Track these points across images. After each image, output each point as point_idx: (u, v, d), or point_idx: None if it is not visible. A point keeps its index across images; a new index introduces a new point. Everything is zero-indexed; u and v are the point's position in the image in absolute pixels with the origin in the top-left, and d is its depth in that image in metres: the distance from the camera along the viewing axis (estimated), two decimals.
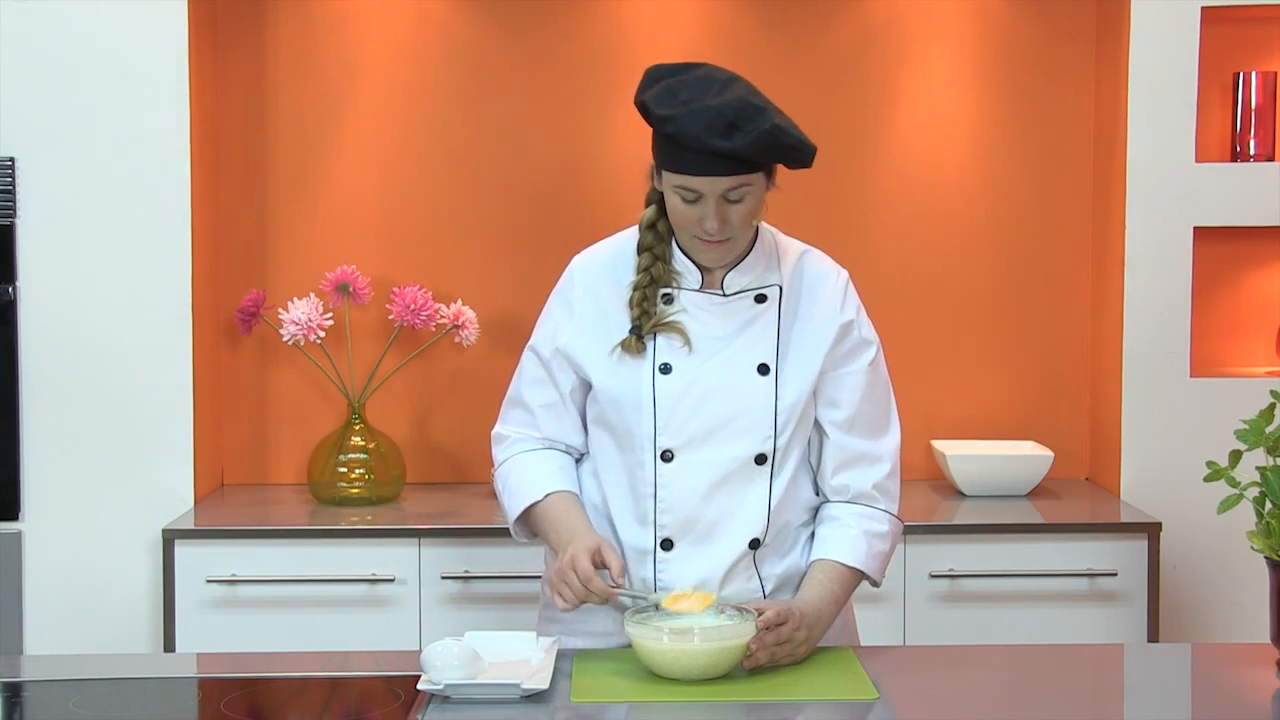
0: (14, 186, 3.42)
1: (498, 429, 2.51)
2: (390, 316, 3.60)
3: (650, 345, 2.37)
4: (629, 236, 2.45)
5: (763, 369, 2.36)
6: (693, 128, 2.22)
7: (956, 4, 3.79)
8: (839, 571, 2.36)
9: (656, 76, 2.32)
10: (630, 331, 2.37)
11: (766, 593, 2.38)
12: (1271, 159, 3.64)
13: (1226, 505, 2.23)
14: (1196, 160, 3.55)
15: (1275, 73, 3.66)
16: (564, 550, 2.30)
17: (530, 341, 2.47)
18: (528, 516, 2.42)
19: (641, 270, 2.38)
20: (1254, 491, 2.23)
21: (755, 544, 2.37)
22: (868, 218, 3.80)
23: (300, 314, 3.51)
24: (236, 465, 3.80)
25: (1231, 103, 3.67)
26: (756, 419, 2.35)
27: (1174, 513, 3.47)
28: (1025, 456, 3.64)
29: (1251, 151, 3.64)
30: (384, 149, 3.78)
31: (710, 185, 2.26)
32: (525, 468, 2.44)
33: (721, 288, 2.38)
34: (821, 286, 2.42)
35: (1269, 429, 2.23)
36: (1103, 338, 3.73)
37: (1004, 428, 3.84)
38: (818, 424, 2.42)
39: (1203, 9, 3.52)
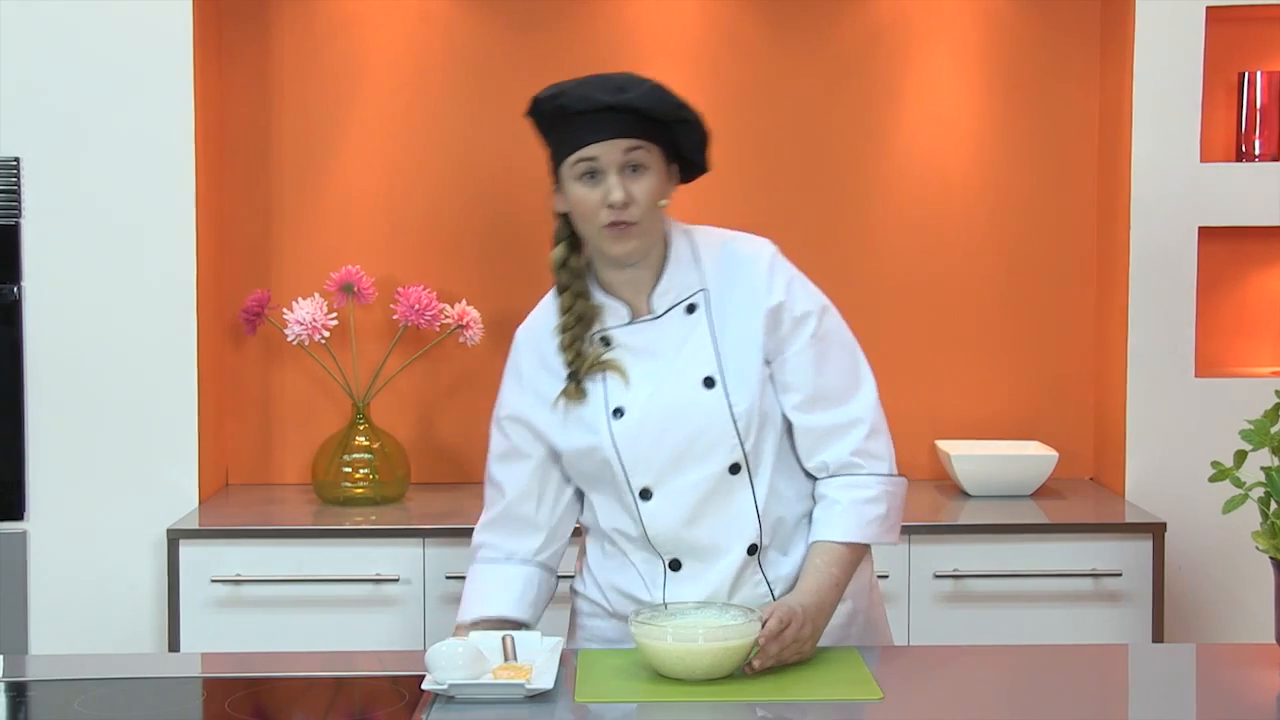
0: (19, 186, 3.42)
1: (476, 529, 2.48)
2: (395, 316, 3.60)
3: (600, 392, 2.35)
4: (549, 301, 2.44)
5: (708, 382, 2.33)
6: (583, 90, 2.26)
7: (961, 4, 3.78)
8: (835, 552, 2.33)
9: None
10: (568, 379, 2.36)
11: (776, 595, 2.37)
12: (1277, 159, 3.64)
13: (1231, 505, 2.23)
14: (1201, 160, 3.55)
15: None
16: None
17: (493, 414, 2.46)
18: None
19: (565, 311, 2.36)
20: (1259, 492, 2.23)
21: (754, 549, 2.36)
22: (872, 217, 3.80)
23: (305, 314, 3.52)
24: (241, 465, 3.80)
25: (1237, 102, 3.67)
26: (718, 434, 2.32)
27: (1179, 513, 3.47)
28: (1030, 456, 3.63)
29: (1256, 151, 3.64)
30: (388, 149, 3.78)
31: (608, 150, 2.26)
32: (477, 579, 2.44)
33: (651, 310, 2.36)
34: (743, 275, 2.36)
35: (1274, 429, 2.23)
36: (1107, 337, 3.73)
37: (1008, 428, 3.84)
38: (783, 412, 2.38)
39: (1208, 9, 3.51)
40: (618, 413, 2.33)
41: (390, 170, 3.78)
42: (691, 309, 2.35)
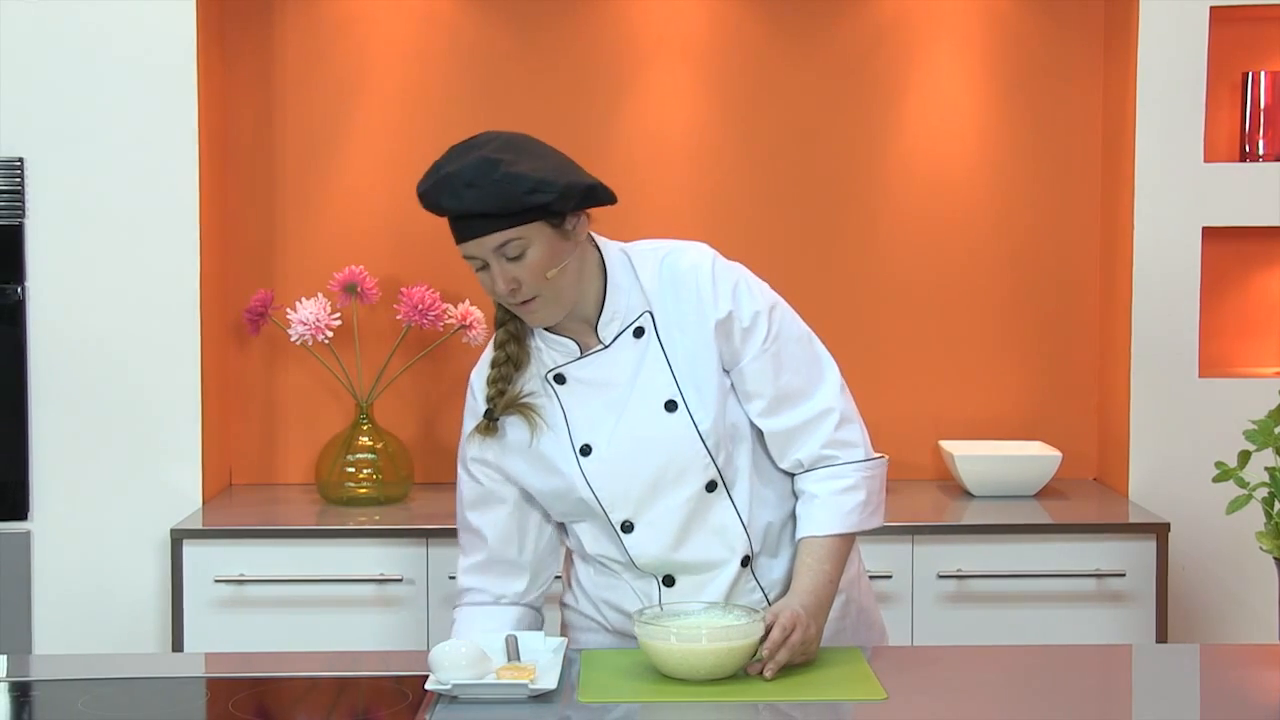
0: (23, 187, 3.42)
1: (461, 573, 2.44)
2: (398, 317, 3.60)
3: (564, 431, 2.31)
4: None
5: (670, 406, 2.30)
6: (433, 195, 2.21)
7: (965, 3, 3.78)
8: (824, 547, 2.31)
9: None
10: (484, 415, 2.34)
11: (770, 600, 2.36)
12: None
13: (1235, 506, 2.23)
14: (1205, 160, 3.55)
15: None
16: None
17: (458, 455, 2.42)
18: None
19: (497, 347, 2.34)
20: (1263, 492, 2.23)
21: (747, 560, 2.35)
22: (875, 217, 3.80)
23: (308, 314, 3.52)
24: (245, 465, 3.80)
25: (1240, 102, 3.67)
26: (689, 456, 2.30)
27: (1182, 513, 3.47)
28: (1033, 457, 3.63)
29: (1260, 151, 3.64)
30: (392, 149, 3.78)
31: (479, 248, 2.20)
32: (466, 622, 2.40)
33: (601, 340, 2.31)
34: (687, 290, 2.30)
35: (1278, 429, 2.23)
36: (1111, 338, 3.72)
37: (1012, 428, 3.83)
38: (750, 419, 2.34)
39: (1211, 9, 3.51)
40: (585, 450, 2.31)
41: (394, 170, 3.78)
42: (639, 332, 2.31)
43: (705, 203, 3.80)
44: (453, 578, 3.27)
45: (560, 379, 2.33)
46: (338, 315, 3.56)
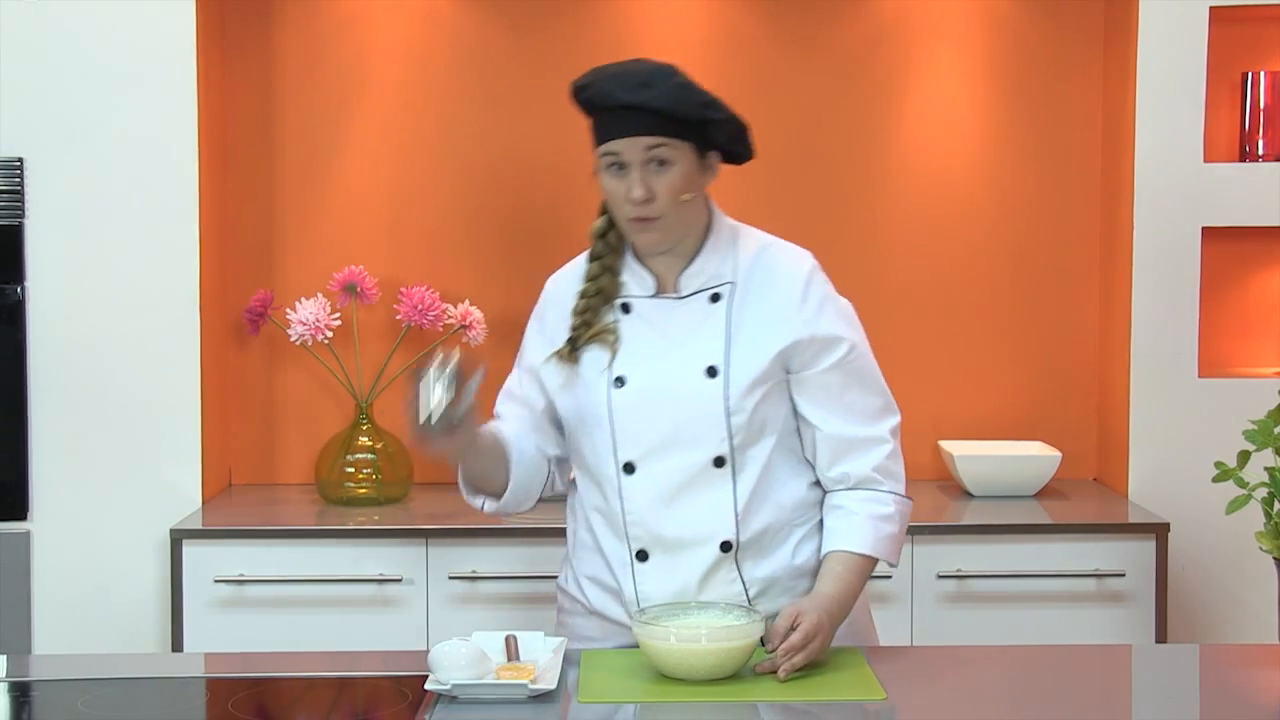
0: (23, 187, 3.42)
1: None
2: (398, 317, 3.60)
3: (605, 358, 2.37)
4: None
5: (711, 371, 2.34)
6: (607, 86, 2.27)
7: (964, 3, 3.78)
8: (854, 562, 2.34)
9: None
10: (566, 341, 2.39)
11: (750, 596, 2.36)
12: None
13: (1235, 506, 2.24)
14: (1205, 160, 3.55)
15: None
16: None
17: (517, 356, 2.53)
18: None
19: (589, 279, 2.39)
20: (1262, 492, 2.23)
21: (727, 547, 2.35)
22: (875, 216, 3.80)
23: (308, 314, 3.52)
24: (244, 465, 3.80)
25: (1240, 103, 3.67)
26: (709, 423, 2.33)
27: (1182, 513, 3.47)
28: (1033, 457, 3.63)
29: (1260, 151, 3.64)
30: (391, 149, 3.78)
31: (629, 146, 2.27)
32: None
33: (677, 289, 2.37)
34: (778, 284, 2.37)
35: (1277, 429, 2.23)
36: (1110, 338, 3.72)
37: (1011, 428, 3.84)
38: (805, 419, 2.38)
39: (1211, 9, 3.51)
40: (619, 381, 2.35)
41: (394, 170, 3.78)
42: (715, 298, 2.37)
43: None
44: (452, 578, 3.30)
45: (626, 308, 2.38)
46: (337, 315, 3.56)
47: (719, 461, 2.34)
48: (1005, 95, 3.80)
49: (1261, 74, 3.63)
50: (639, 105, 2.25)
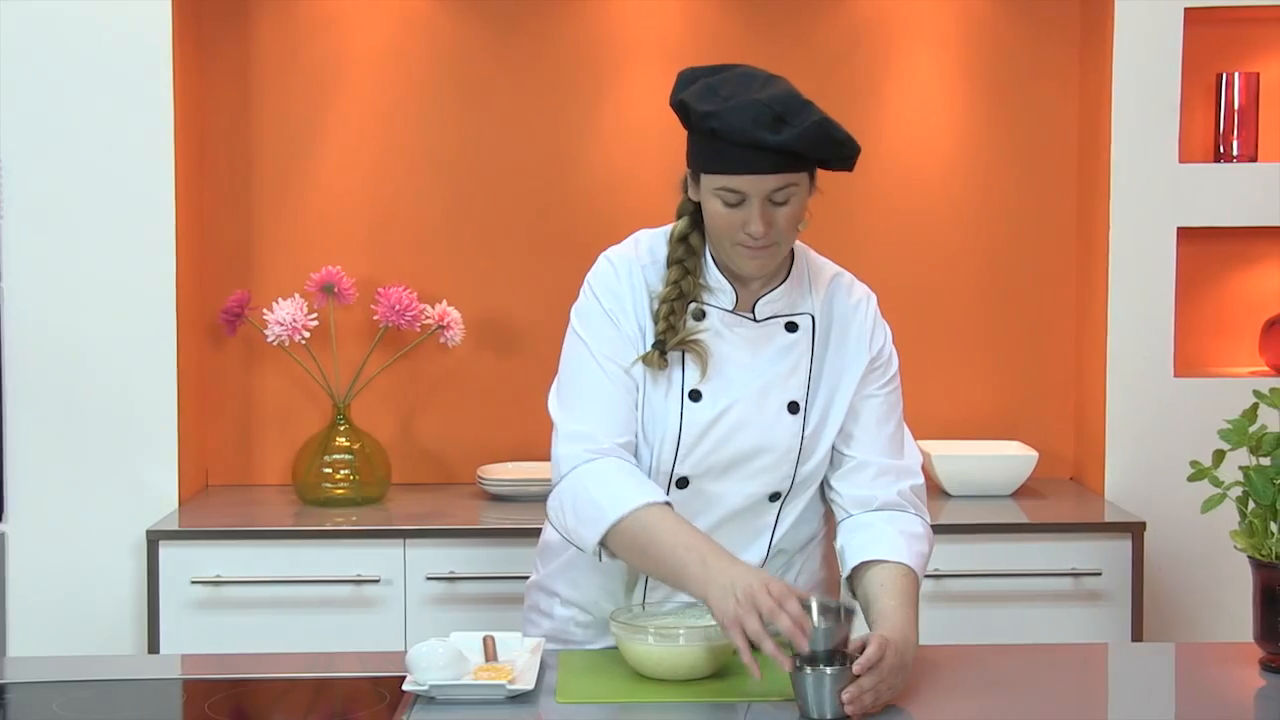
0: None
1: (560, 444, 2.26)
2: (375, 317, 3.59)
3: (678, 368, 2.26)
4: (661, 241, 2.32)
5: (793, 407, 2.28)
6: (739, 121, 2.11)
7: (941, 4, 3.79)
8: (903, 586, 2.24)
9: (692, 78, 2.21)
10: (653, 346, 2.25)
11: None
12: (1254, 159, 3.65)
13: (1210, 505, 2.24)
14: (1180, 161, 3.56)
15: (1258, 74, 3.68)
16: (721, 576, 2.07)
17: (586, 346, 2.28)
18: (614, 533, 2.19)
19: (671, 284, 2.25)
20: (1237, 491, 2.24)
21: None
22: (852, 218, 3.81)
23: (285, 314, 3.51)
24: (221, 466, 3.79)
25: (1214, 103, 3.69)
26: (780, 458, 2.28)
27: (1158, 512, 3.48)
28: (1010, 456, 3.64)
29: (1234, 152, 3.65)
30: (369, 149, 3.78)
31: (756, 185, 2.14)
32: (603, 478, 2.22)
33: (753, 313, 2.28)
34: (853, 320, 2.33)
35: (1252, 429, 2.24)
36: (1087, 338, 3.74)
37: (989, 428, 3.85)
38: (844, 437, 2.33)
39: (1186, 10, 3.53)
40: (695, 395, 2.26)
41: (371, 171, 3.78)
42: (792, 328, 2.30)
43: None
44: (430, 578, 3.29)
45: (702, 314, 2.27)
46: (314, 316, 3.55)
47: (774, 496, 2.31)
48: (982, 96, 3.81)
49: (1236, 75, 3.65)
50: (776, 148, 2.12)
